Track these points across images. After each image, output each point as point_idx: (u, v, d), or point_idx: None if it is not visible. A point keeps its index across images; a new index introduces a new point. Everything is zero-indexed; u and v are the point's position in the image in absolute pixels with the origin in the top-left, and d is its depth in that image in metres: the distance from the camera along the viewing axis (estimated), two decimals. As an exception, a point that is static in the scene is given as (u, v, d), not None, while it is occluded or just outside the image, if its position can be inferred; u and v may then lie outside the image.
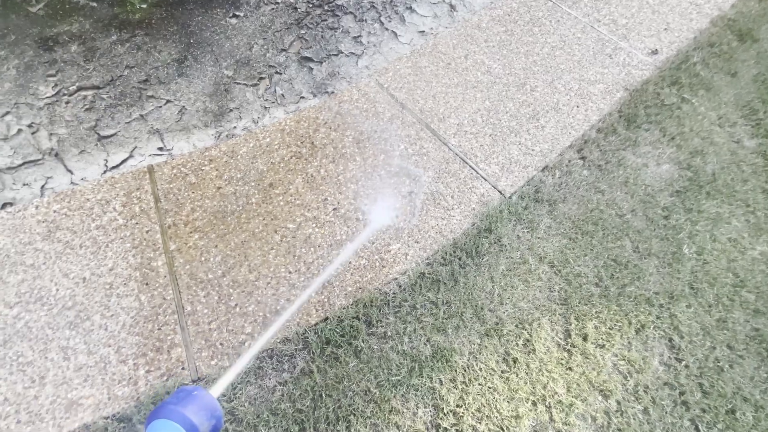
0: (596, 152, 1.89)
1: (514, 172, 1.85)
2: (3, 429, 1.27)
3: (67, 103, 2.01)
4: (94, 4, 2.38)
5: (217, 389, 0.69)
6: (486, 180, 1.81)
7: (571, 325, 1.49)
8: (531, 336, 1.46)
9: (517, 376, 1.39)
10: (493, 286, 1.55)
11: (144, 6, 2.39)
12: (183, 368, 1.39)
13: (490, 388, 1.37)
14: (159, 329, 1.45)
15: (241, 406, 1.31)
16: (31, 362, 1.37)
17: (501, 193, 1.78)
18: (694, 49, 2.27)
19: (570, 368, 1.41)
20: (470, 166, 1.84)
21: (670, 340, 1.47)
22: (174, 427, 0.57)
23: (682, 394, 1.38)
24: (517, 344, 1.45)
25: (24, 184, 1.77)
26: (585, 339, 1.46)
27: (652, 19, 2.41)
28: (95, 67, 2.13)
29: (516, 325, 1.48)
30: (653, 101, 2.05)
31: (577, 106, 2.04)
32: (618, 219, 1.72)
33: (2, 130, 1.90)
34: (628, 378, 1.40)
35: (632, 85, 2.12)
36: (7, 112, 1.95)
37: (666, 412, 1.34)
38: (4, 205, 1.72)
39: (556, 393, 1.36)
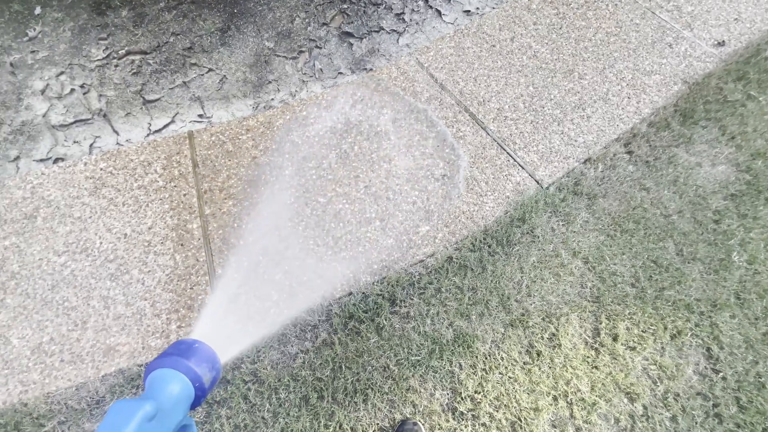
0: (645, 147, 1.78)
1: (554, 162, 1.77)
2: (49, 365, 1.37)
3: (116, 66, 2.08)
4: (145, -29, 2.43)
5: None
6: (523, 168, 1.75)
7: (601, 323, 1.43)
8: (557, 330, 1.42)
9: (539, 369, 1.36)
10: (521, 277, 1.51)
11: (192, -26, 2.42)
12: (211, 327, 1.44)
13: (510, 378, 1.35)
14: (191, 288, 1.51)
15: (264, 368, 1.36)
16: (75, 307, 1.46)
17: (538, 183, 1.72)
18: (767, 42, 2.07)
19: (596, 367, 1.36)
20: (508, 153, 1.78)
21: (708, 349, 1.39)
22: (178, 376, 0.55)
23: (716, 406, 1.31)
24: (543, 337, 1.41)
25: (74, 142, 1.87)
26: (615, 339, 1.40)
27: (721, 8, 2.21)
28: (143, 32, 2.19)
29: (543, 318, 1.44)
30: (714, 97, 1.89)
31: (629, 98, 1.92)
32: (663, 219, 1.62)
33: (57, 89, 2.00)
34: (658, 383, 1.34)
35: (692, 78, 1.97)
36: (62, 72, 2.04)
37: (696, 423, 1.28)
38: (56, 160, 1.82)
39: (579, 390, 1.32)
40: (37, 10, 2.24)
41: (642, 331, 1.42)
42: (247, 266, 1.54)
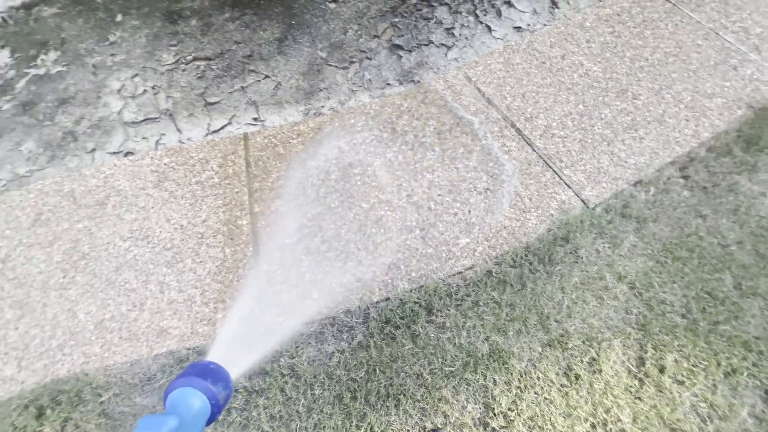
0: (703, 173, 1.70)
1: (602, 182, 1.73)
2: (109, 341, 1.49)
3: (183, 70, 2.25)
4: (214, -16, 2.63)
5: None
6: (569, 187, 1.72)
7: (647, 353, 1.37)
8: (598, 355, 1.37)
9: (577, 393, 1.32)
10: (562, 297, 1.48)
11: (255, -13, 2.59)
12: (254, 319, 1.52)
13: (546, 399, 1.32)
14: (238, 281, 1.59)
15: (301, 364, 1.41)
16: (134, 289, 1.59)
17: (584, 203, 1.68)
18: None
19: (639, 398, 1.31)
20: (554, 171, 1.76)
21: (767, 392, 1.30)
22: (197, 395, 0.61)
23: (773, 454, 1.22)
24: (582, 361, 1.37)
25: (143, 138, 2.04)
26: (662, 371, 1.34)
27: (795, 30, 2.09)
28: (209, 40, 2.37)
29: (583, 341, 1.40)
30: (783, 123, 1.78)
31: (687, 120, 1.85)
32: (720, 249, 1.54)
33: (131, 89, 2.19)
34: (708, 423, 1.27)
35: (759, 103, 1.86)
36: (136, 74, 2.24)
37: (750, 470, 1.20)
38: (127, 154, 1.99)
39: (620, 420, 1.27)
40: (119, 18, 2.48)
41: (692, 365, 1.35)
42: (290, 264, 1.61)
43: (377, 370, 1.38)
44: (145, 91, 2.17)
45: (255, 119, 2.08)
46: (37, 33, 2.42)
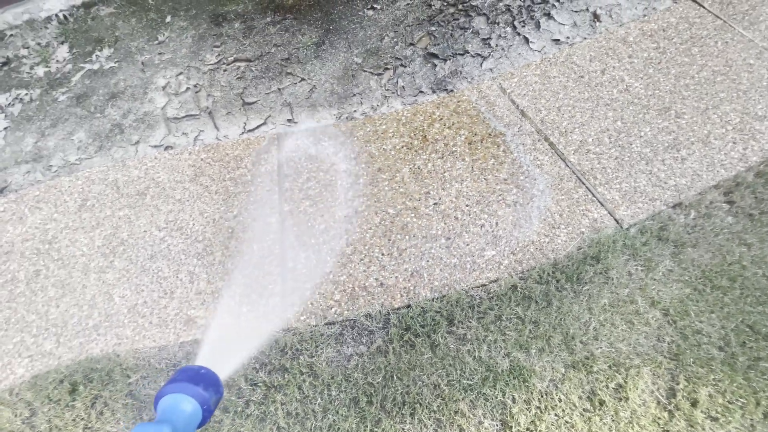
0: (750, 198, 1.61)
1: (638, 202, 1.67)
2: (140, 325, 1.56)
3: (224, 71, 2.35)
4: (258, -11, 2.73)
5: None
6: (602, 205, 1.67)
7: (678, 384, 1.31)
8: (626, 382, 1.32)
9: (601, 419, 1.27)
10: (590, 318, 1.44)
11: (297, -7, 2.67)
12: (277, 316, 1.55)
13: (567, 423, 1.27)
14: (264, 277, 1.63)
15: (319, 363, 1.42)
16: (166, 278, 1.66)
17: (618, 223, 1.63)
18: None
19: (668, 431, 1.24)
20: (587, 187, 1.71)
21: (812, 439, 1.21)
22: (189, 401, 0.63)
23: (816, 507, 1.13)
24: (608, 386, 1.32)
25: (183, 133, 2.13)
26: (694, 405, 1.27)
27: None
28: (250, 42, 2.46)
29: (609, 366, 1.35)
30: (843, 151, 1.67)
31: (734, 143, 1.76)
32: (765, 281, 1.45)
33: (175, 86, 2.30)
34: (743, 465, 1.19)
35: (816, 128, 1.75)
36: (181, 73, 2.35)
37: None
38: (167, 148, 2.09)
39: (645, 452, 1.21)
40: (168, 19, 2.62)
41: (728, 401, 1.27)
42: (315, 264, 1.64)
43: (394, 377, 1.38)
44: (187, 89, 2.28)
45: (289, 120, 2.14)
46: (94, 30, 2.59)
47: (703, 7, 2.23)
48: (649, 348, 1.38)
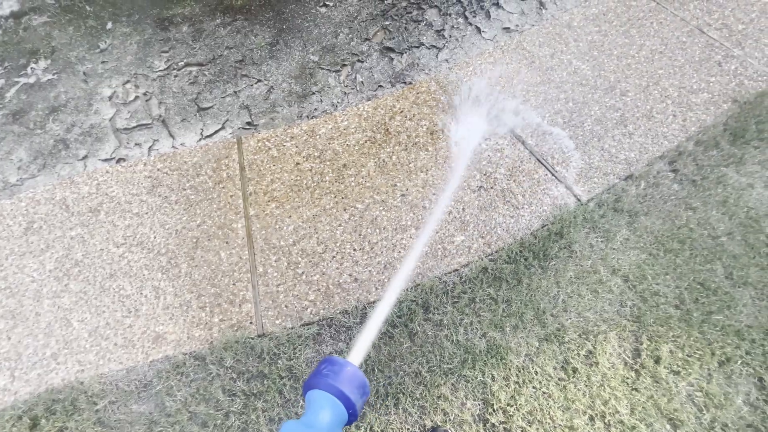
0: (691, 166, 1.73)
1: (593, 178, 1.75)
2: (104, 348, 1.47)
3: (175, 76, 2.25)
4: (205, -10, 2.64)
5: (357, 359, 0.70)
6: (561, 183, 1.74)
7: (642, 344, 1.39)
8: (595, 348, 1.38)
9: (575, 386, 1.33)
10: (558, 292, 1.50)
11: (246, -7, 2.60)
12: (251, 323, 1.51)
13: (544, 393, 1.32)
14: (234, 284, 1.59)
15: (298, 366, 1.40)
16: (129, 296, 1.57)
17: (577, 198, 1.70)
18: (827, 61, 1.98)
19: (636, 389, 1.32)
20: (546, 167, 1.78)
21: (761, 379, 1.32)
22: (338, 405, 0.59)
23: (769, 441, 1.23)
24: (579, 354, 1.38)
25: (136, 144, 2.03)
26: (657, 362, 1.35)
27: (775, 26, 2.14)
28: (201, 46, 2.37)
29: (579, 335, 1.42)
30: (768, 116, 1.82)
31: (674, 115, 1.88)
32: (710, 241, 1.56)
33: (122, 95, 2.19)
34: (704, 412, 1.28)
35: (743, 97, 1.90)
36: (128, 81, 2.24)
37: (747, 457, 1.21)
38: (119, 160, 1.98)
39: (617, 412, 1.28)
40: (109, 26, 2.48)
41: (687, 355, 1.36)
42: (286, 266, 1.61)
43: (376, 370, 1.38)
44: (137, 97, 2.17)
45: (248, 123, 2.09)
46: (27, 42, 2.41)
47: (638, -9, 2.36)
48: (614, 313, 1.45)
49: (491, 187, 1.75)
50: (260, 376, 1.39)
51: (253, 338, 1.48)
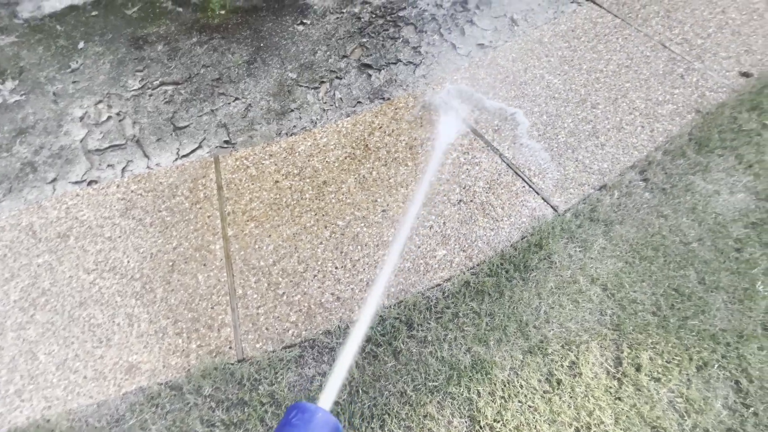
0: (661, 175, 1.79)
1: (569, 188, 1.79)
2: (72, 382, 1.40)
3: (150, 95, 2.22)
4: (180, 10, 2.63)
5: (328, 402, 0.66)
6: (539, 194, 1.77)
7: (623, 352, 1.40)
8: (578, 359, 1.39)
9: (560, 398, 1.33)
10: (539, 303, 1.51)
11: (223, 12, 2.61)
12: (230, 347, 1.46)
13: (530, 407, 1.32)
14: (212, 308, 1.54)
15: (281, 390, 1.36)
16: (100, 325, 1.51)
17: (554, 209, 1.74)
18: (779, 73, 2.10)
19: (619, 398, 1.33)
20: (523, 179, 1.81)
21: (737, 382, 1.35)
22: None
23: (748, 444, 1.25)
24: (563, 365, 1.39)
25: (108, 165, 1.97)
26: (638, 370, 1.37)
27: (731, 41, 2.27)
28: (176, 65, 2.35)
29: (562, 346, 1.42)
30: (729, 126, 1.91)
31: (642, 126, 1.95)
32: (682, 247, 1.61)
33: (95, 116, 2.13)
34: (686, 418, 1.29)
35: (706, 108, 1.99)
36: (100, 101, 2.19)
37: (728, 462, 1.22)
38: (90, 182, 1.92)
39: (602, 422, 1.28)
40: (81, 45, 2.43)
41: (666, 361, 1.38)
42: (267, 287, 1.58)
43: (360, 391, 1.35)
44: (109, 117, 2.12)
45: (226, 142, 2.06)
46: (-7, 62, 2.34)
47: (603, 8, 2.47)
48: (594, 323, 1.47)
49: (471, 201, 1.76)
50: (240, 404, 1.34)
51: (232, 364, 1.43)
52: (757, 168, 1.79)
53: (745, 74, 2.13)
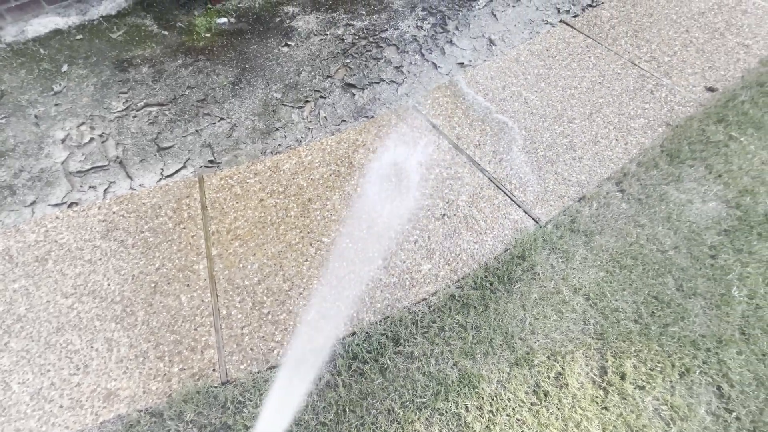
0: (636, 186, 1.85)
1: (549, 201, 1.84)
2: (47, 412, 1.34)
3: (134, 117, 2.22)
4: (166, 33, 2.67)
5: None
6: (520, 207, 1.81)
7: (607, 361, 1.42)
8: (564, 369, 1.40)
9: (547, 410, 1.33)
10: (524, 315, 1.52)
11: (208, 35, 2.65)
12: (214, 370, 1.43)
13: (518, 420, 1.31)
14: (195, 330, 1.51)
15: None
16: (78, 350, 1.46)
17: (536, 221, 1.77)
18: (741, 87, 2.22)
19: (606, 408, 1.33)
20: (505, 193, 1.85)
21: (719, 387, 1.37)
22: None
23: (733, 449, 1.26)
24: (549, 377, 1.39)
25: (90, 187, 1.95)
26: (623, 378, 1.38)
27: (696, 57, 2.40)
28: (161, 86, 2.36)
29: (548, 357, 1.43)
30: (698, 138, 2.00)
31: (617, 140, 2.03)
32: (660, 255, 1.65)
33: (77, 138, 2.12)
34: (671, 425, 1.30)
35: (675, 121, 2.09)
36: (83, 123, 2.18)
37: (715, 468, 1.23)
38: (71, 204, 1.89)
39: (590, 433, 1.28)
40: (64, 68, 2.44)
41: (650, 369, 1.40)
42: (251, 306, 1.56)
43: (347, 410, 1.33)
44: (92, 139, 2.11)
45: (211, 161, 2.07)
46: (-27, 86, 2.32)
47: (575, 29, 2.60)
48: (578, 332, 1.49)
49: (454, 215, 1.79)
50: (224, 428, 1.30)
51: (216, 387, 1.40)
52: (726, 177, 1.87)
53: (711, 89, 2.24)
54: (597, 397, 1.35)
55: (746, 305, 1.52)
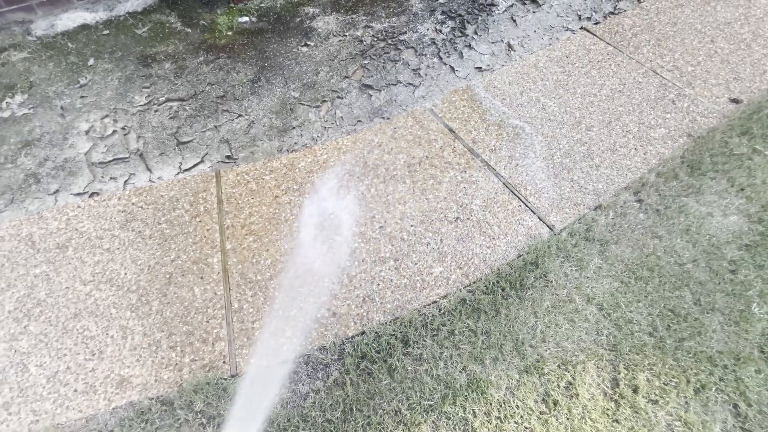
0: (654, 196, 1.82)
1: (565, 208, 1.81)
2: (62, 395, 1.38)
3: (155, 111, 2.27)
4: (189, 30, 2.73)
5: None
6: (535, 213, 1.80)
7: (620, 373, 1.39)
8: (574, 379, 1.38)
9: (557, 420, 1.31)
10: (535, 322, 1.50)
11: (230, 33, 2.70)
12: (224, 362, 1.45)
13: (526, 428, 1.30)
14: (207, 322, 1.54)
15: (273, 407, 1.34)
16: (93, 337, 1.50)
17: (550, 228, 1.75)
18: (767, 100, 2.16)
19: (617, 420, 1.31)
20: (519, 198, 1.84)
21: (735, 406, 1.33)
22: None
23: (749, 470, 1.23)
24: (559, 386, 1.37)
25: (111, 178, 2.00)
26: (635, 391, 1.35)
27: (720, 68, 2.35)
28: (182, 82, 2.41)
29: (558, 366, 1.41)
30: (720, 150, 1.96)
31: (635, 149, 2.00)
32: (677, 268, 1.62)
33: (100, 130, 2.18)
34: (684, 442, 1.27)
35: (697, 132, 2.05)
36: (106, 115, 2.24)
37: (729, 489, 1.20)
38: (92, 194, 1.94)
39: (600, 445, 1.26)
40: (91, 62, 2.51)
41: (663, 383, 1.37)
42: (263, 301, 1.57)
43: (354, 409, 1.33)
44: (114, 131, 2.16)
45: (228, 157, 2.10)
46: (5, 77, 2.40)
47: (596, 36, 2.57)
48: (591, 342, 1.46)
49: (467, 218, 1.78)
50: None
51: (225, 379, 1.41)
52: (749, 191, 1.82)
53: (735, 100, 2.19)
54: (608, 409, 1.33)
55: (766, 323, 1.48)
